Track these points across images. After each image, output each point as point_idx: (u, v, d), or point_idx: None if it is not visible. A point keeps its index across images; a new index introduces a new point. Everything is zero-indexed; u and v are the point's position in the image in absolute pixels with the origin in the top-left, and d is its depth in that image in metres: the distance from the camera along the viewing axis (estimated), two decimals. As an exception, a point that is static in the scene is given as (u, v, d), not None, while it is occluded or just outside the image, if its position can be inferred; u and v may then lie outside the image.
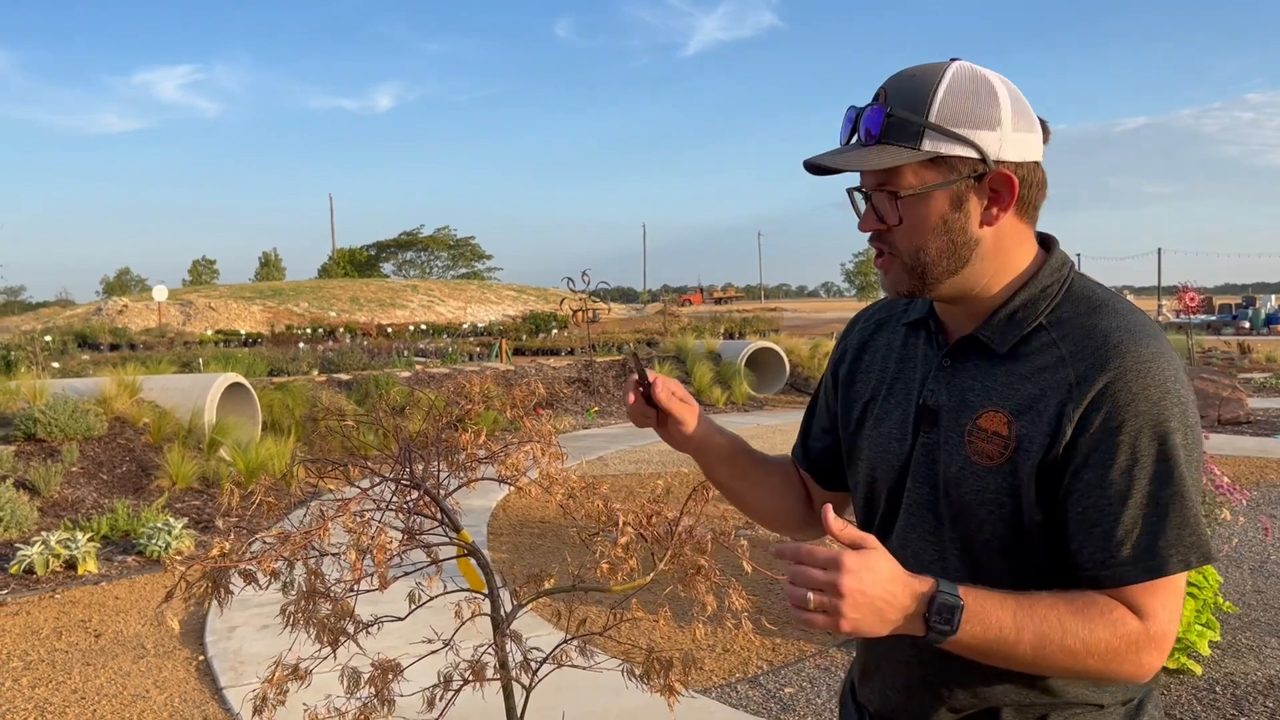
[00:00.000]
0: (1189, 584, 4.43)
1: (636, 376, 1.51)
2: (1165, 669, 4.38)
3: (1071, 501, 1.27)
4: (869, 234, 1.38)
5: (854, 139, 1.36)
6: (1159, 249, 41.11)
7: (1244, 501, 6.23)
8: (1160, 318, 30.85)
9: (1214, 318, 31.58)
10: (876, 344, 1.57)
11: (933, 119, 1.29)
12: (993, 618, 1.21)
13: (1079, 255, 45.26)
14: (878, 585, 1.17)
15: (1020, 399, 1.31)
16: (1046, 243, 1.42)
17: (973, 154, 1.30)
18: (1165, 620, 1.25)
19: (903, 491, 1.44)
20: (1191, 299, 21.43)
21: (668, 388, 1.52)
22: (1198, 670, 4.43)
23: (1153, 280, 41.36)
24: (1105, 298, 1.36)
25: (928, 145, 1.29)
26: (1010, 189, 1.33)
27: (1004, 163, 1.32)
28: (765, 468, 1.68)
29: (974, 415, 1.35)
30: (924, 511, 1.40)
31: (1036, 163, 1.36)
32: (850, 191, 1.41)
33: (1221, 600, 4.67)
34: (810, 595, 1.17)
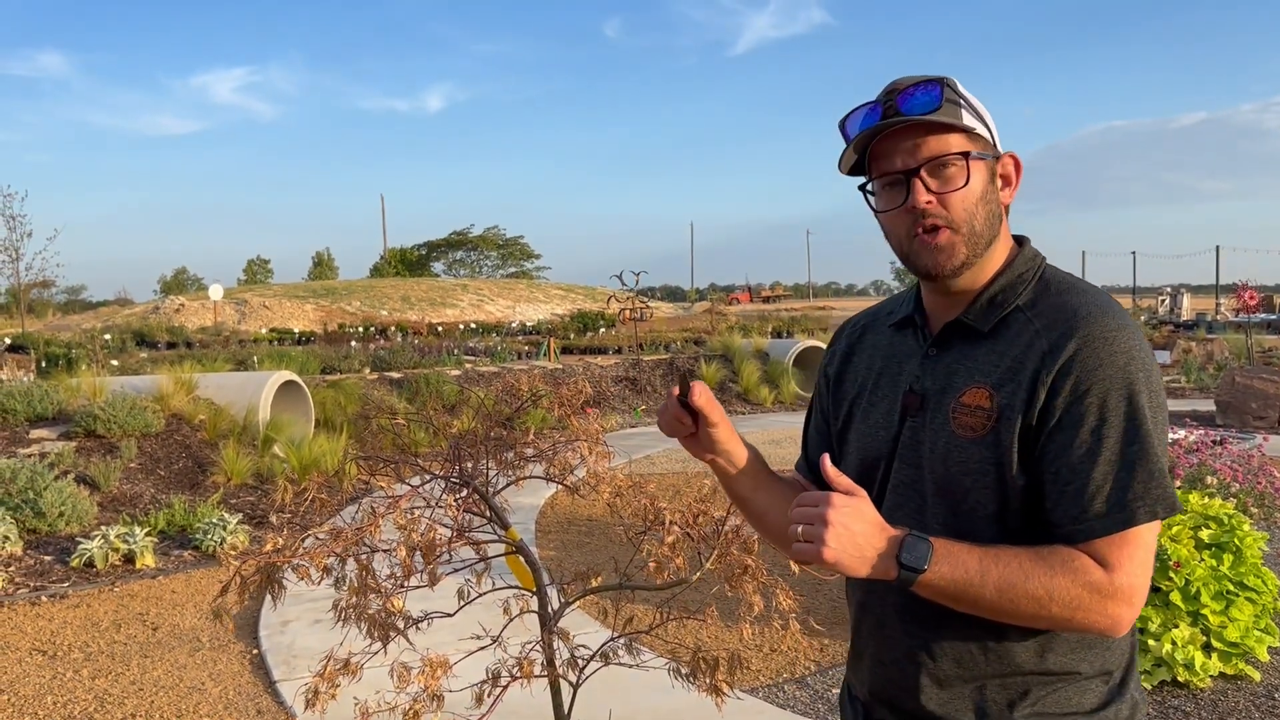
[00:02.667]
0: (1247, 588, 4.35)
1: (678, 390, 1.55)
2: (1223, 674, 4.31)
3: (1046, 462, 1.36)
4: (919, 212, 1.44)
5: (891, 118, 1.44)
6: (1217, 246, 40.19)
7: (1305, 505, 6.09)
8: (1219, 317, 30.22)
9: (1274, 316, 30.83)
10: (863, 346, 1.67)
11: (968, 99, 1.45)
12: (959, 559, 1.31)
13: (1134, 254, 44.47)
14: (859, 522, 1.30)
15: (1000, 373, 1.41)
16: (1019, 241, 1.55)
17: (989, 138, 1.46)
18: (1132, 572, 1.32)
19: (890, 475, 1.53)
20: (1251, 297, 21.00)
21: (704, 391, 1.56)
22: (1256, 676, 4.34)
23: (1210, 279, 40.51)
24: (1075, 282, 1.48)
25: (968, 121, 1.43)
26: (1018, 173, 1.50)
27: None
28: (778, 481, 1.70)
29: (958, 394, 1.45)
30: (909, 491, 1.50)
31: None
32: (869, 183, 1.51)
33: (1282, 605, 4.57)
34: (800, 527, 1.32)
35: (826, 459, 1.36)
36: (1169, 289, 37.18)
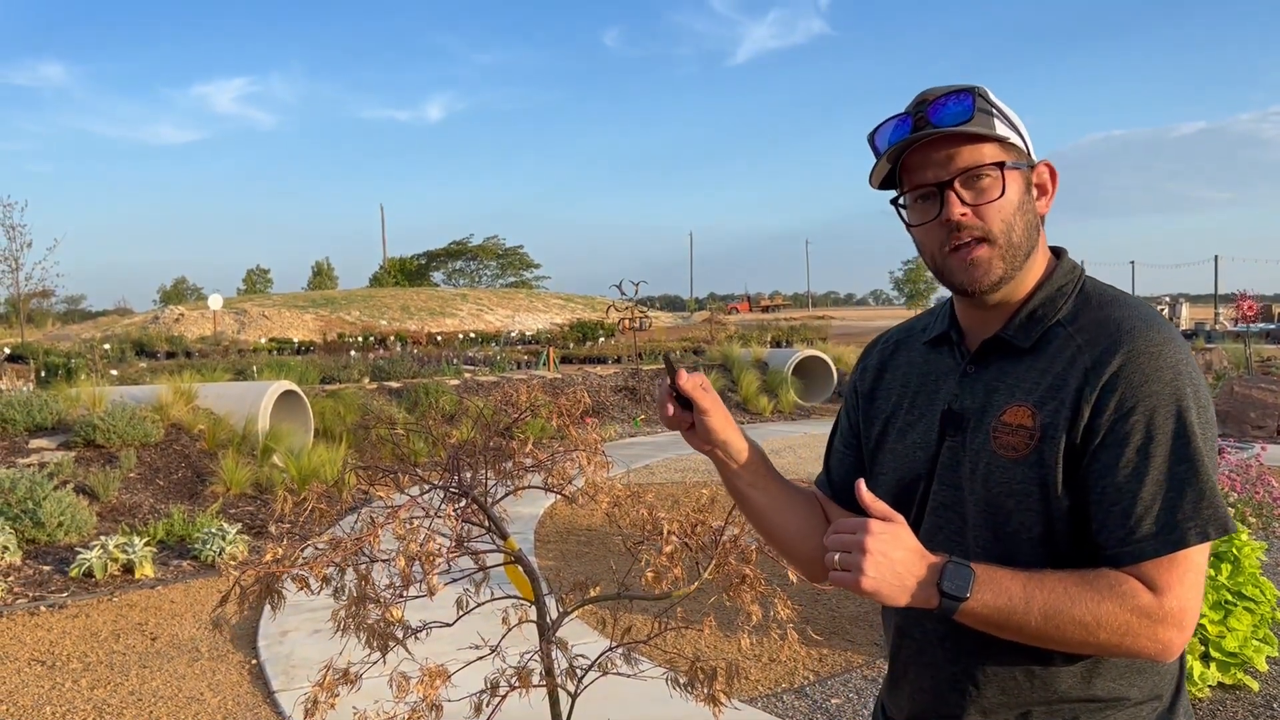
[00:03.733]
0: (1246, 598, 4.35)
1: (669, 380, 1.52)
2: (1222, 684, 4.31)
3: (1091, 482, 1.31)
4: (953, 226, 1.39)
5: (922, 130, 1.40)
6: (1215, 256, 40.24)
7: (1304, 514, 6.09)
8: (1217, 326, 30.21)
9: (1273, 326, 30.86)
10: (897, 362, 1.63)
11: (1000, 108, 1.42)
12: (1003, 586, 1.27)
13: (1133, 263, 44.48)
14: (898, 549, 1.27)
15: (1042, 390, 1.37)
16: (1056, 252, 1.51)
17: (1024, 147, 1.43)
18: (1183, 595, 1.27)
19: (928, 496, 1.49)
20: (1250, 307, 21.03)
21: (693, 379, 1.52)
22: (1255, 686, 4.34)
23: (1209, 288, 40.56)
24: (1116, 294, 1.43)
25: (1001, 130, 1.39)
26: (1054, 182, 1.46)
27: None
28: (785, 483, 1.64)
29: (998, 412, 1.40)
30: (948, 513, 1.45)
31: None
32: (900, 197, 1.47)
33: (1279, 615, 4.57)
34: (837, 555, 1.28)
35: (862, 484, 1.32)
36: (1168, 298, 37.21)
